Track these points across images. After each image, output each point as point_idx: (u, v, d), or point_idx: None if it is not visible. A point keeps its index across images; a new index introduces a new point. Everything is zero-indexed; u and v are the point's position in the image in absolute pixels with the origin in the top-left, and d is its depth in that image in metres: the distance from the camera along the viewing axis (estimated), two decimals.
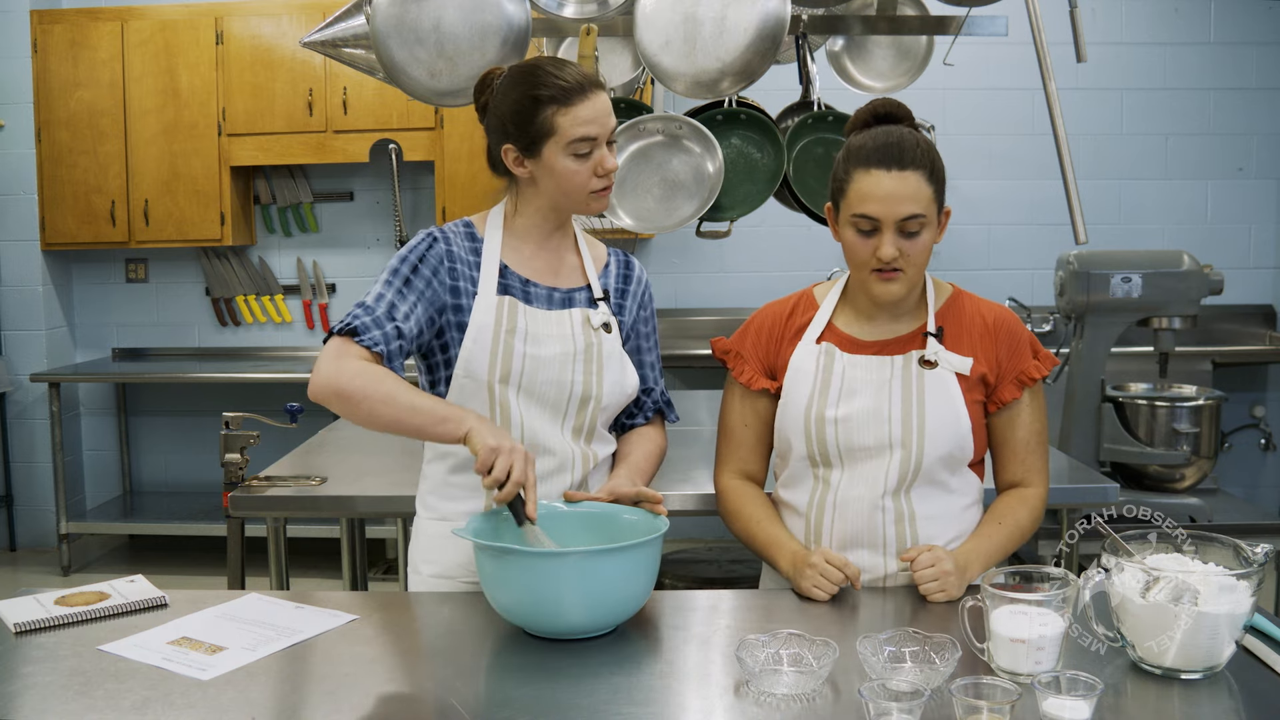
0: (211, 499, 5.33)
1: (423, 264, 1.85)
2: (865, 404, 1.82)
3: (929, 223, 1.78)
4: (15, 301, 5.30)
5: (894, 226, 1.75)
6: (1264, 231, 5.36)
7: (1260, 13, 5.24)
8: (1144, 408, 3.54)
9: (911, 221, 1.75)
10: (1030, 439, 1.90)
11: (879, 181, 1.75)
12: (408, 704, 1.42)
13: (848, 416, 1.82)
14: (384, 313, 1.80)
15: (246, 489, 2.59)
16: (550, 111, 1.81)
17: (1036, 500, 1.90)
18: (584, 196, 1.87)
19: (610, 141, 1.87)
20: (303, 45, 2.79)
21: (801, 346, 1.89)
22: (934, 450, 1.80)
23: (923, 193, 1.75)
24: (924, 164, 1.76)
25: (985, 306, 1.91)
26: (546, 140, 1.83)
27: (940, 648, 1.43)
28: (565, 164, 1.83)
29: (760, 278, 5.32)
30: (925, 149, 1.78)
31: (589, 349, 1.88)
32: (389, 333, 1.78)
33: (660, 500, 1.76)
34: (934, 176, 1.77)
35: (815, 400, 1.84)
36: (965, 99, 5.14)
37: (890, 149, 1.76)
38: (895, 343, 1.86)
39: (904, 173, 1.75)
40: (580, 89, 1.82)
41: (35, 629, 1.63)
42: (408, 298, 1.82)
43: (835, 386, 1.84)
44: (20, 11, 5.11)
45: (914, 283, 1.82)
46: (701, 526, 5.30)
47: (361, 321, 1.78)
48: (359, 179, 5.44)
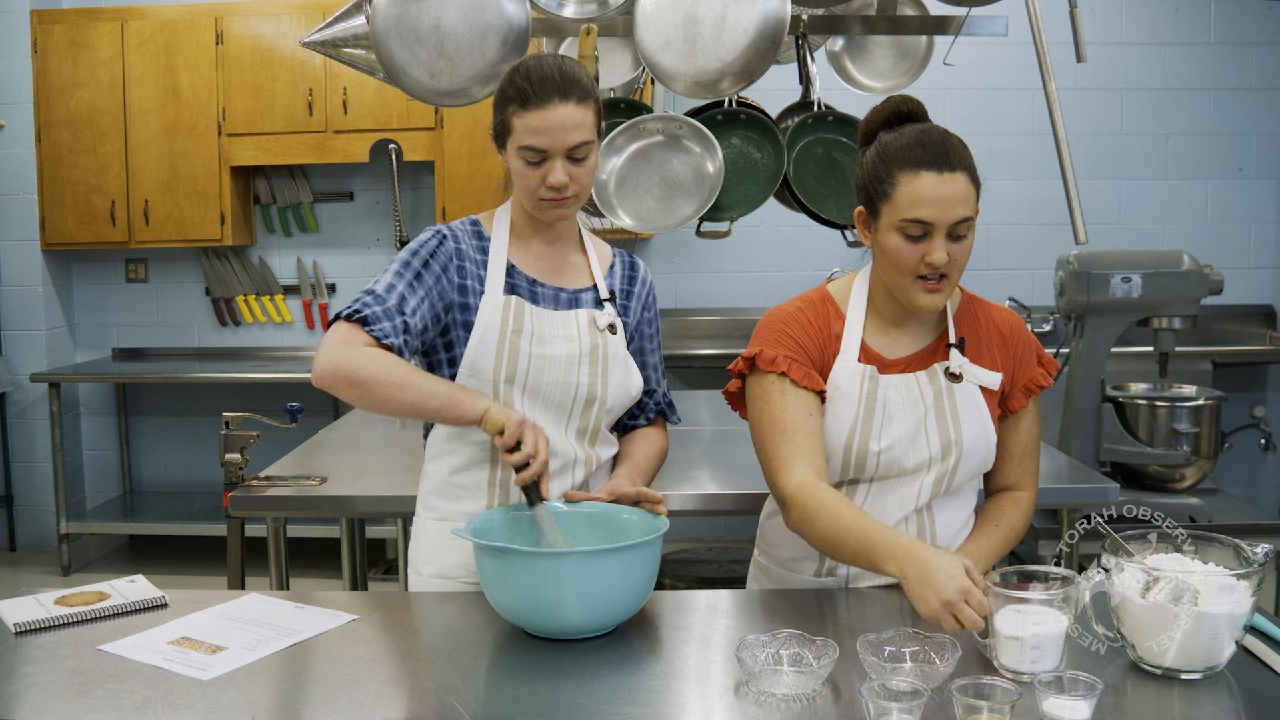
0: (211, 499, 5.33)
1: (434, 260, 1.84)
2: (905, 430, 1.77)
3: (974, 225, 1.73)
4: (15, 301, 5.30)
5: (945, 231, 1.69)
6: (1264, 231, 5.36)
7: (1260, 13, 5.24)
8: (1144, 408, 3.54)
9: (961, 225, 1.70)
10: (1029, 444, 1.90)
11: (931, 185, 1.67)
12: (408, 704, 1.42)
13: (891, 445, 1.77)
14: (395, 304, 1.78)
15: (246, 489, 2.59)
16: (510, 110, 1.80)
17: (1028, 504, 1.90)
18: (533, 202, 1.85)
19: (578, 158, 1.80)
20: (303, 45, 2.79)
21: (843, 363, 1.79)
22: (968, 466, 1.80)
23: (970, 195, 1.71)
24: (968, 164, 1.71)
25: (996, 312, 1.90)
26: (507, 137, 1.83)
27: (940, 648, 1.43)
28: (516, 165, 1.82)
29: (760, 278, 5.32)
30: (966, 148, 1.73)
31: (595, 350, 1.88)
32: (398, 325, 1.77)
33: (661, 500, 1.76)
34: (974, 177, 1.72)
35: (859, 429, 1.77)
36: (965, 99, 5.14)
37: (937, 148, 1.69)
38: (919, 356, 1.82)
39: (954, 174, 1.68)
40: (539, 96, 1.76)
41: (35, 629, 1.63)
42: (417, 292, 1.81)
43: (878, 415, 1.77)
44: (20, 11, 5.11)
45: (953, 290, 1.79)
46: (701, 526, 5.30)
47: (372, 311, 1.76)
48: (359, 179, 5.44)
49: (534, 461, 1.70)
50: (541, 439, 1.71)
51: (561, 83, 1.77)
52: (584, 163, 1.81)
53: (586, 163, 1.82)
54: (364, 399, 1.73)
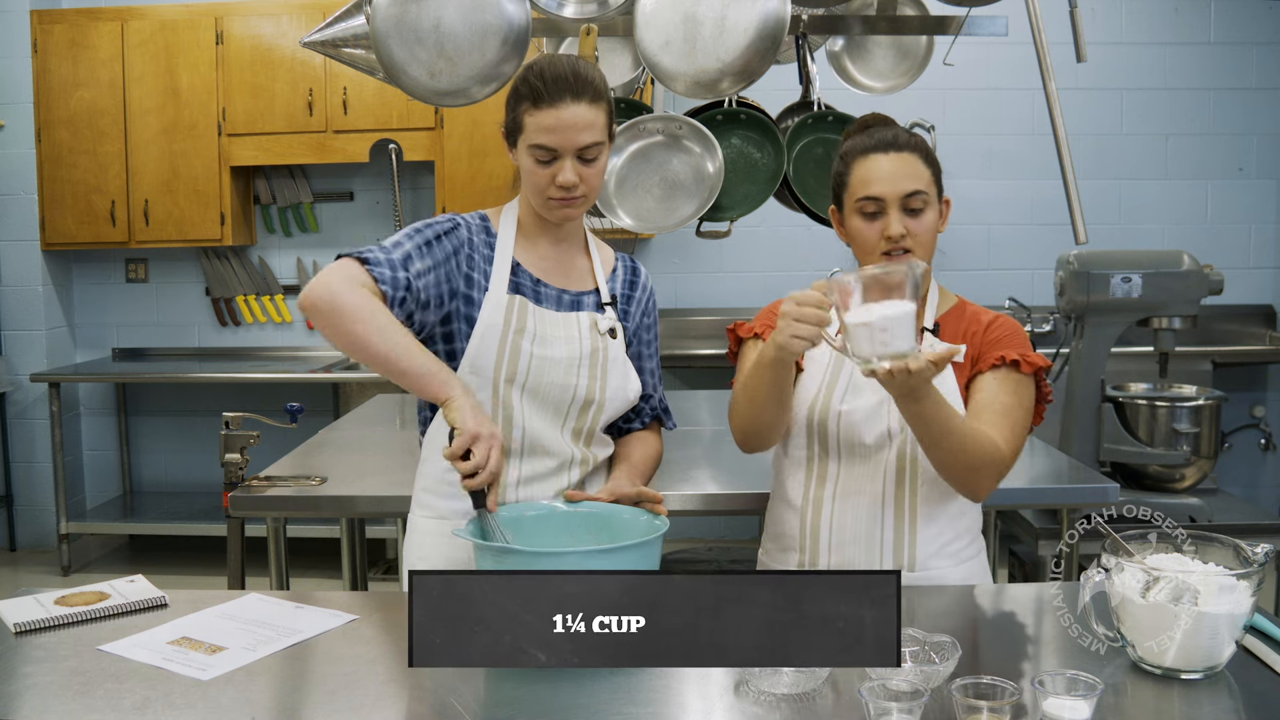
0: (211, 499, 5.33)
1: (446, 238, 1.84)
2: (869, 401, 1.82)
3: (931, 202, 1.82)
4: (15, 301, 5.30)
5: (898, 204, 1.80)
6: (1264, 231, 5.36)
7: (1260, 13, 5.24)
8: (1144, 408, 3.54)
9: (915, 198, 1.80)
10: (994, 403, 1.80)
11: (879, 163, 1.81)
12: (408, 704, 1.42)
13: (852, 411, 1.82)
14: (400, 259, 1.77)
15: (246, 489, 2.59)
16: (523, 108, 1.81)
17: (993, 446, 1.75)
18: (542, 200, 1.85)
19: (588, 158, 1.80)
20: (303, 45, 2.79)
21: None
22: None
23: (922, 173, 1.81)
24: (919, 148, 1.83)
25: (985, 313, 1.93)
26: (518, 135, 1.83)
27: (940, 648, 1.43)
28: (526, 163, 1.83)
29: (760, 278, 5.32)
30: (918, 139, 1.85)
31: (595, 353, 1.88)
32: (399, 278, 1.75)
33: (661, 500, 1.76)
34: (930, 160, 1.84)
35: (822, 393, 1.85)
36: (965, 99, 5.14)
37: (884, 134, 1.84)
38: None
39: (901, 154, 1.81)
40: (551, 95, 1.77)
41: (35, 629, 1.63)
42: (425, 258, 1.80)
43: (844, 382, 1.85)
44: (20, 11, 5.11)
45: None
46: (701, 526, 5.30)
47: (375, 256, 1.75)
48: (359, 179, 5.44)
49: (481, 472, 1.63)
50: (495, 450, 1.64)
51: (575, 83, 1.78)
52: (594, 163, 1.82)
53: (596, 163, 1.82)
54: (339, 330, 1.69)
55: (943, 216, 1.85)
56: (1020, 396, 1.83)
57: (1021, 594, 1.90)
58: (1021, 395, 1.83)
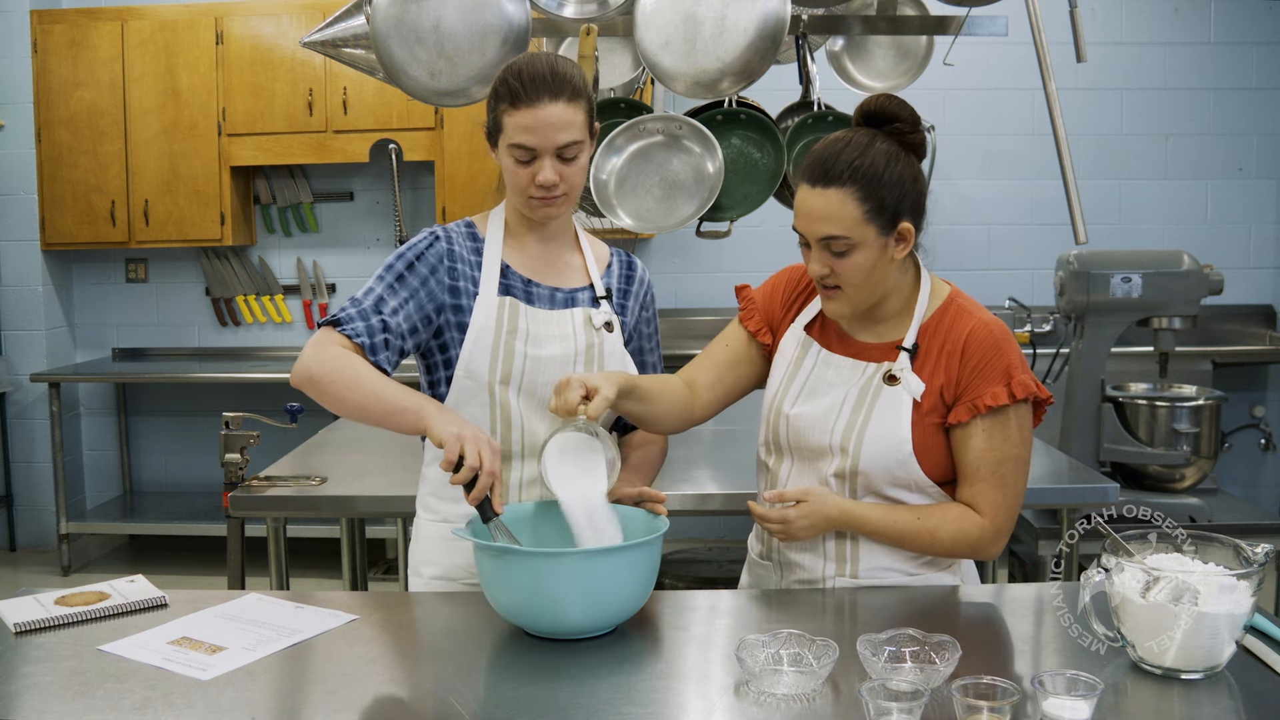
0: (211, 499, 5.33)
1: (420, 261, 1.85)
2: (820, 406, 1.78)
3: (858, 244, 1.68)
4: (15, 301, 5.30)
5: (819, 244, 1.71)
6: (1264, 231, 5.36)
7: (1260, 13, 5.24)
8: (1144, 408, 3.54)
9: (835, 242, 1.69)
10: (981, 468, 1.72)
11: (804, 198, 1.71)
12: (408, 704, 1.42)
13: (799, 415, 1.80)
14: (370, 305, 1.80)
15: (246, 489, 2.59)
16: (501, 108, 1.80)
17: (974, 528, 1.72)
18: (523, 200, 1.85)
19: (567, 157, 1.79)
20: (303, 45, 2.79)
21: (793, 329, 1.88)
22: (869, 464, 1.73)
23: (846, 213, 1.67)
24: (854, 181, 1.67)
25: (973, 324, 1.76)
26: (498, 135, 1.83)
27: (940, 648, 1.43)
28: (507, 163, 1.83)
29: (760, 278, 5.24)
30: (863, 166, 1.67)
31: (590, 349, 1.88)
32: (373, 325, 1.78)
33: (662, 500, 1.76)
34: (868, 195, 1.67)
35: (778, 394, 1.84)
36: (965, 99, 5.14)
37: (822, 163, 1.69)
38: (877, 349, 1.80)
39: (826, 190, 1.68)
40: (529, 95, 1.76)
41: (35, 629, 1.63)
42: (399, 293, 1.82)
43: (800, 382, 1.83)
44: (20, 11, 5.11)
45: (858, 302, 1.75)
46: (701, 526, 5.30)
47: (346, 313, 1.79)
48: (359, 179, 5.44)
49: (480, 475, 1.60)
50: (485, 450, 1.60)
51: (552, 82, 1.77)
52: (574, 162, 1.82)
53: (576, 162, 1.82)
54: (322, 397, 1.75)
55: (893, 247, 1.71)
56: (1011, 440, 1.72)
57: (1021, 594, 1.90)
58: (1013, 436, 1.72)
